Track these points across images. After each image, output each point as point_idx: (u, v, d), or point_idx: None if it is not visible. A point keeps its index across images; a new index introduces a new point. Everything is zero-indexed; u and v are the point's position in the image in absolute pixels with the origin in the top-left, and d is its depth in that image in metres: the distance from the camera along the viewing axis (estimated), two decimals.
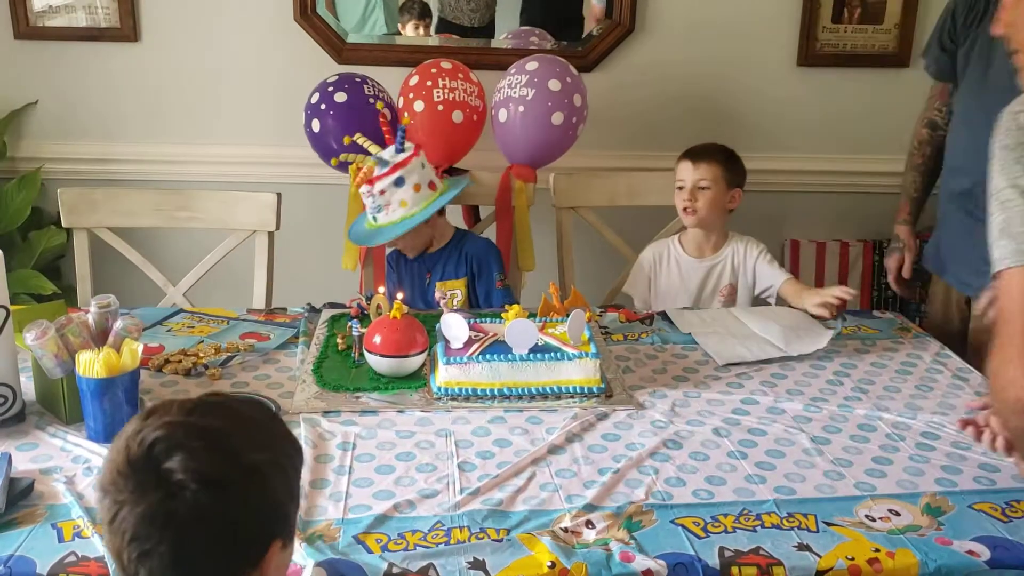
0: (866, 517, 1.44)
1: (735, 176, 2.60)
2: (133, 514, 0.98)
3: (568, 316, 1.94)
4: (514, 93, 2.78)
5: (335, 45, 3.09)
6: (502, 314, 2.06)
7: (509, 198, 2.86)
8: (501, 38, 3.28)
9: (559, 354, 1.86)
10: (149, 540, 0.97)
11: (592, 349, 1.88)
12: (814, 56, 3.19)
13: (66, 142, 3.15)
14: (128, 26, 3.04)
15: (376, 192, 2.33)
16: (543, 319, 2.04)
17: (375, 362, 1.91)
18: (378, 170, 2.31)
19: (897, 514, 1.45)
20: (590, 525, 1.40)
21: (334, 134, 2.80)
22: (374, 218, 2.38)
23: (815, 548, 1.35)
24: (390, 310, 1.94)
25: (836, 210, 3.39)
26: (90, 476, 1.51)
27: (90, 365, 1.60)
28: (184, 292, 2.60)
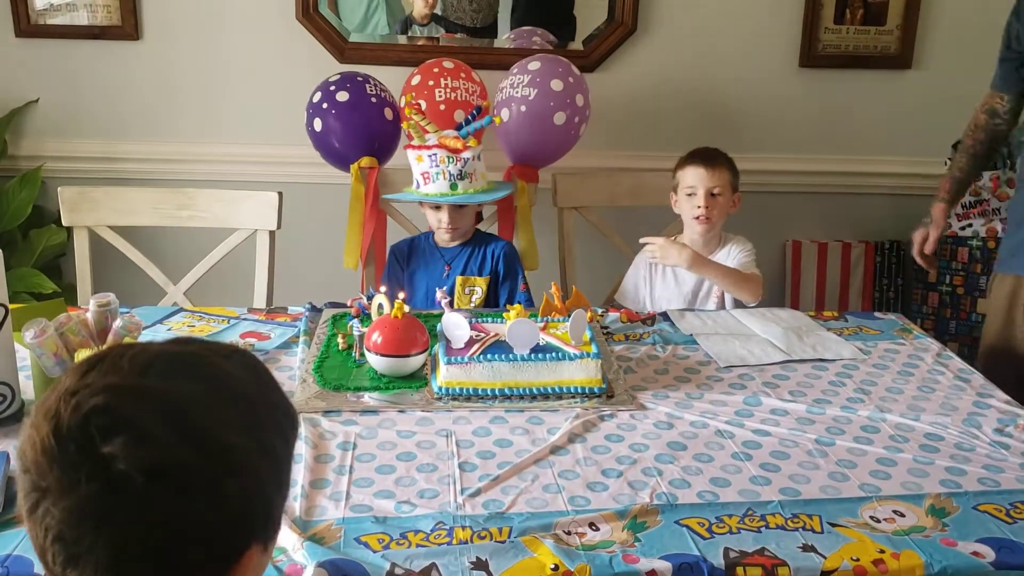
0: (871, 518, 1.43)
1: (737, 181, 2.60)
2: (59, 508, 0.76)
3: (569, 316, 1.94)
4: (516, 93, 2.77)
5: (337, 44, 3.09)
6: (503, 314, 2.05)
7: (511, 198, 2.86)
8: (503, 38, 3.27)
9: (560, 354, 1.85)
10: (79, 544, 0.76)
11: (593, 349, 1.87)
12: (816, 57, 3.19)
13: (67, 140, 3.14)
14: (129, 24, 3.04)
15: (467, 158, 2.41)
16: (544, 319, 2.04)
17: (375, 361, 1.90)
18: (464, 138, 2.42)
19: (902, 515, 1.44)
20: (594, 527, 1.39)
21: (336, 133, 2.80)
22: (453, 185, 2.41)
23: (820, 549, 1.34)
24: (391, 309, 1.93)
25: (838, 211, 3.39)
26: None
27: None
28: (185, 291, 2.60)
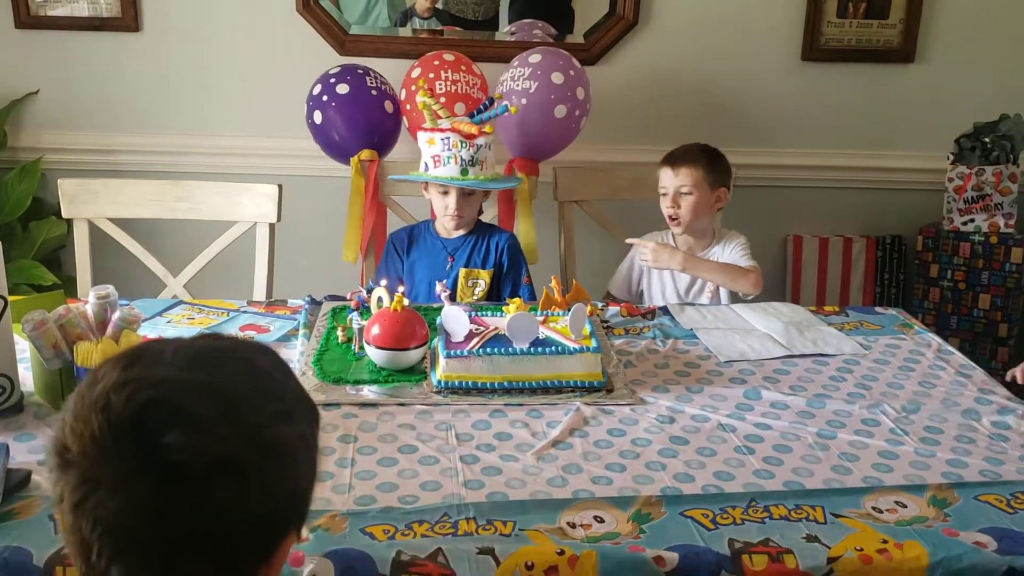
0: (873, 509, 1.43)
1: (719, 176, 2.56)
2: (115, 500, 0.76)
3: (570, 310, 1.93)
4: (517, 86, 2.77)
5: (337, 36, 3.08)
6: (503, 307, 2.04)
7: (511, 191, 2.85)
8: (504, 31, 3.26)
9: (560, 348, 1.84)
10: (133, 535, 0.77)
11: (593, 343, 1.86)
12: (818, 51, 3.18)
13: (67, 132, 3.13)
14: (130, 16, 3.03)
15: (480, 144, 2.39)
16: (544, 313, 2.03)
17: (375, 354, 1.90)
18: (475, 125, 2.40)
19: (904, 506, 1.44)
20: (599, 519, 1.39)
21: (336, 126, 2.79)
22: (464, 170, 2.39)
23: (824, 539, 1.34)
24: (391, 303, 1.92)
25: (839, 206, 3.38)
26: None
27: (88, 356, 1.59)
28: (184, 284, 2.59)
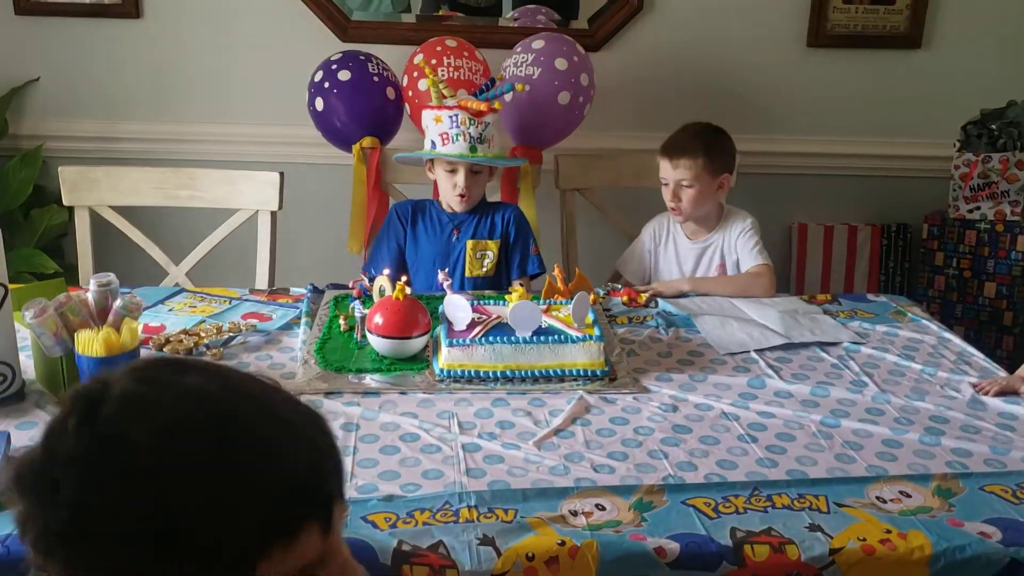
0: (877, 499, 1.42)
1: (721, 163, 2.49)
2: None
3: (572, 299, 1.92)
4: (520, 72, 2.75)
5: (339, 23, 3.06)
6: (505, 296, 2.04)
7: (514, 179, 2.84)
8: (507, 16, 3.24)
9: (563, 337, 1.84)
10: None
11: (596, 332, 1.85)
12: (824, 37, 3.15)
13: (68, 120, 3.12)
14: (130, 2, 3.01)
15: (488, 122, 2.40)
16: (547, 301, 2.02)
17: (377, 343, 1.89)
18: (481, 102, 2.40)
19: (908, 496, 1.43)
20: (600, 507, 1.39)
21: (338, 113, 2.78)
22: (473, 147, 2.39)
23: (827, 529, 1.33)
24: (393, 291, 1.92)
25: (844, 193, 3.36)
26: None
27: (89, 344, 1.59)
28: (186, 272, 2.58)
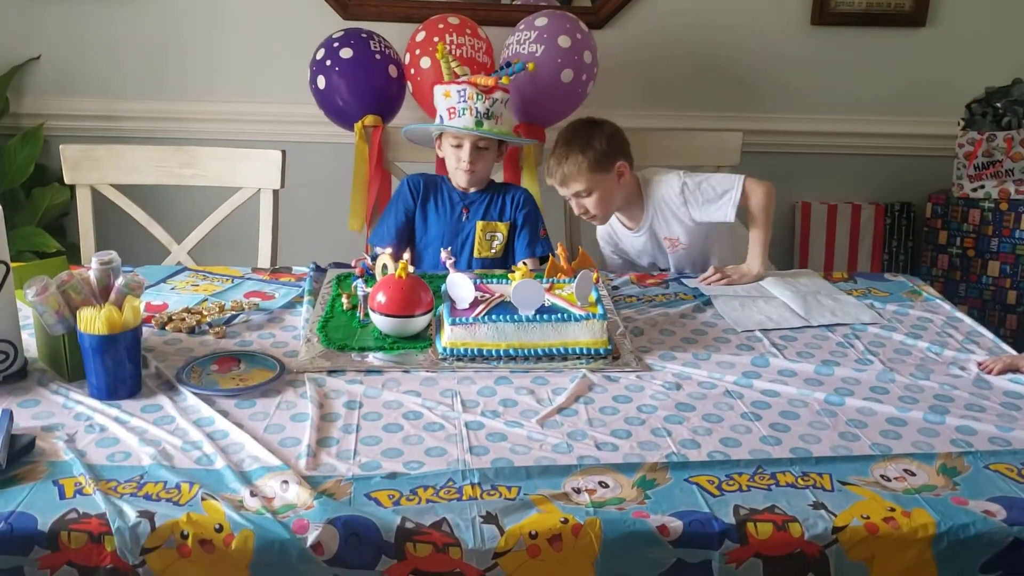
0: (881, 477, 1.42)
1: (608, 156, 2.37)
2: None
3: (575, 277, 1.92)
4: (523, 49, 2.74)
5: (341, 0, 3.04)
6: (508, 275, 2.03)
7: (517, 157, 2.83)
8: None
9: (566, 315, 1.83)
10: None
11: (599, 310, 1.85)
12: (828, 15, 3.14)
13: (69, 98, 3.12)
14: None
15: (496, 98, 2.42)
16: (550, 280, 2.02)
17: (380, 321, 1.89)
18: (490, 78, 2.42)
19: (912, 474, 1.43)
20: (603, 484, 1.38)
21: (340, 91, 2.77)
22: (479, 122, 2.41)
23: (830, 507, 1.33)
24: (395, 270, 1.91)
25: (848, 172, 3.35)
26: (92, 434, 1.50)
27: (91, 322, 1.58)
28: (188, 250, 2.58)
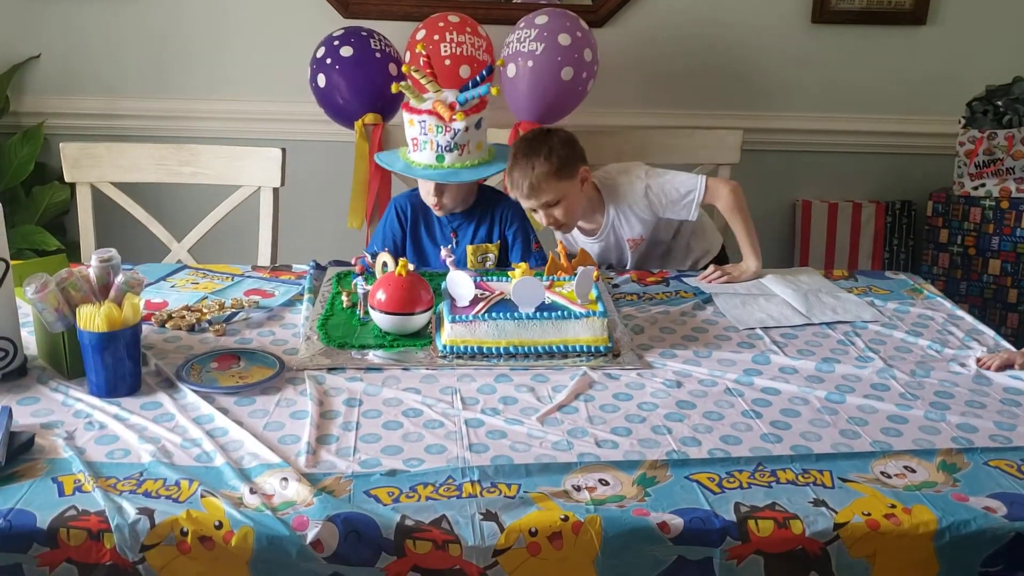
0: (881, 474, 1.41)
1: (567, 163, 2.31)
2: None
3: (576, 275, 1.91)
4: (523, 47, 2.74)
5: None
6: (508, 272, 2.03)
7: None
8: None
9: (566, 313, 1.83)
10: None
11: (600, 308, 1.85)
12: (828, 13, 3.14)
13: (69, 97, 3.12)
14: None
15: (458, 129, 2.19)
16: (550, 278, 2.02)
17: (379, 319, 1.88)
18: (459, 104, 2.17)
19: (913, 471, 1.42)
20: (604, 482, 1.38)
21: (340, 89, 2.77)
22: (440, 157, 2.22)
23: (831, 504, 1.33)
24: (395, 267, 1.91)
25: (848, 170, 3.35)
26: (91, 431, 1.50)
27: (91, 319, 1.58)
28: (188, 248, 2.58)
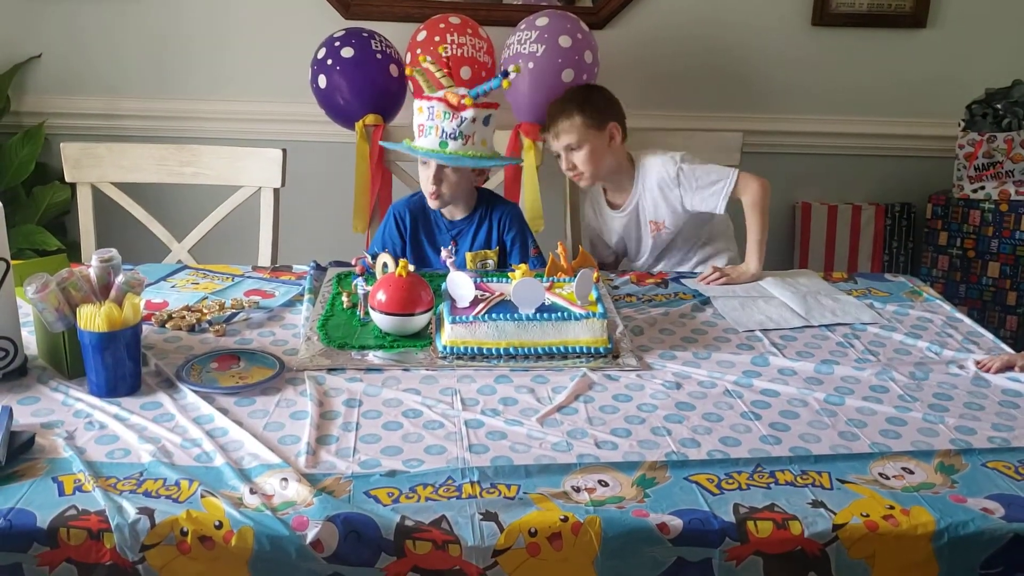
0: (880, 475, 1.42)
1: (601, 115, 2.44)
2: None
3: (576, 276, 1.92)
4: (524, 49, 2.74)
5: (342, 0, 3.05)
6: (508, 274, 2.03)
7: (518, 156, 2.83)
8: None
9: (566, 314, 1.83)
10: None
11: (599, 309, 1.85)
12: (829, 16, 3.14)
13: (70, 97, 3.12)
14: None
15: (466, 117, 2.20)
16: (550, 279, 2.02)
17: (380, 320, 1.89)
18: (472, 97, 2.20)
19: (911, 472, 1.43)
20: (603, 483, 1.38)
21: (341, 90, 2.77)
22: (443, 143, 2.22)
23: (829, 505, 1.33)
24: (395, 268, 1.91)
25: (848, 173, 3.36)
26: (92, 431, 1.50)
27: (91, 319, 1.58)
28: (189, 248, 2.58)
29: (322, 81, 2.78)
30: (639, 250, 2.58)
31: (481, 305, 1.87)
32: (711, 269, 2.31)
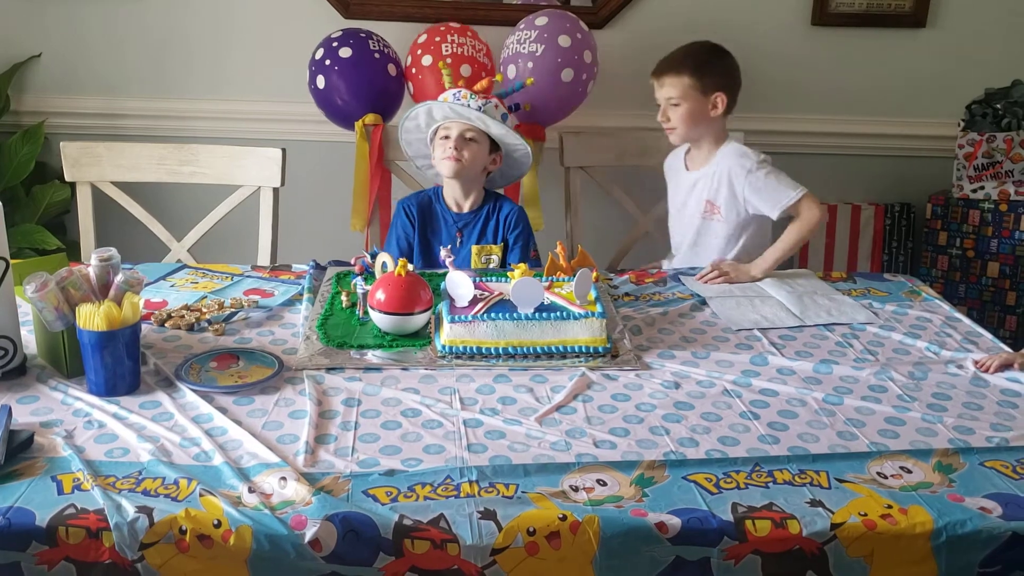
0: (878, 474, 1.42)
1: (712, 81, 2.46)
2: None
3: (575, 276, 1.92)
4: (523, 49, 2.74)
5: (341, 0, 3.05)
6: (508, 273, 2.03)
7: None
8: None
9: (565, 313, 1.83)
10: None
11: (598, 309, 1.85)
12: (828, 16, 3.14)
13: (70, 96, 3.12)
14: None
15: (493, 102, 2.37)
16: (549, 279, 2.02)
17: (379, 319, 1.89)
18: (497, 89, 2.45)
19: (909, 471, 1.43)
20: (601, 483, 1.39)
21: (339, 90, 2.77)
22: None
23: (828, 504, 1.33)
24: (395, 267, 1.91)
25: (848, 173, 3.35)
26: (91, 430, 1.50)
27: (90, 318, 1.58)
28: (188, 248, 2.58)
29: (320, 82, 2.78)
30: (682, 222, 2.58)
31: (480, 304, 1.87)
32: (710, 267, 2.31)
